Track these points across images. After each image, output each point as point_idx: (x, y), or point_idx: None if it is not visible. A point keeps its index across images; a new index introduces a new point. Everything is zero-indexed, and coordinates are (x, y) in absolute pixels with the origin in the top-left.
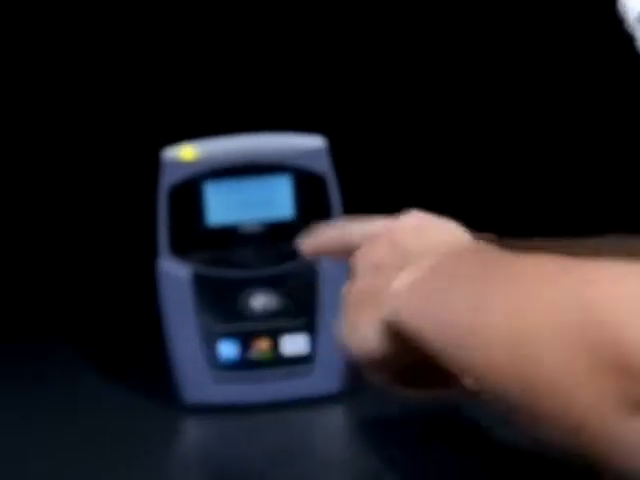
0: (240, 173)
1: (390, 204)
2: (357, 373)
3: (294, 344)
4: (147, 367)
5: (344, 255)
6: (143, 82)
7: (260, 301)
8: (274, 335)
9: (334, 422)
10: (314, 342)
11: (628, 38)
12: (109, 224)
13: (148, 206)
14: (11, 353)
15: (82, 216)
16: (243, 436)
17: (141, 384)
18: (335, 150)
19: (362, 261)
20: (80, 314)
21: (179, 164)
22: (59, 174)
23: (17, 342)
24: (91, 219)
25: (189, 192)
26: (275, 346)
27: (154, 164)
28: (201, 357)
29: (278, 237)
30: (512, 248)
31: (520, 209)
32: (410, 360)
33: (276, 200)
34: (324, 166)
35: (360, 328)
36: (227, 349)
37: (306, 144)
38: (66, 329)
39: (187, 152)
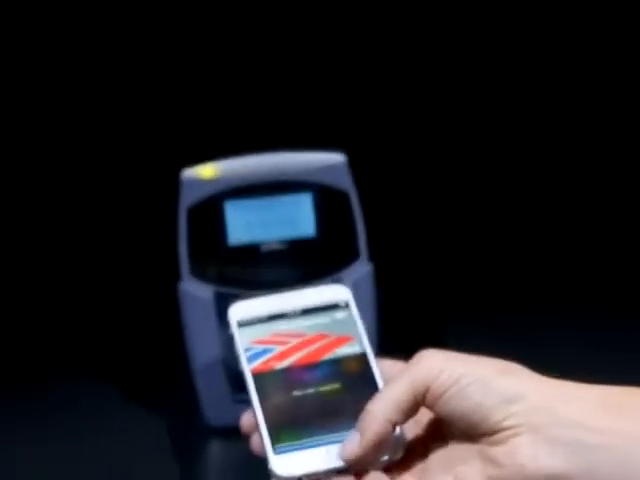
0: (260, 191)
1: (412, 218)
2: None
3: None
4: (170, 389)
5: None
6: (164, 103)
7: None
8: None
9: None
10: None
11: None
12: (130, 246)
13: (169, 227)
14: (32, 376)
15: (103, 238)
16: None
17: (164, 406)
18: (356, 167)
19: None
20: (103, 337)
21: (199, 183)
22: (79, 195)
23: (39, 366)
24: (112, 241)
25: (209, 211)
26: None
27: (175, 185)
28: (224, 378)
29: (301, 255)
30: None
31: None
32: None
33: (297, 217)
34: (345, 182)
35: None
36: None
37: (326, 160)
38: (89, 353)
39: (207, 171)
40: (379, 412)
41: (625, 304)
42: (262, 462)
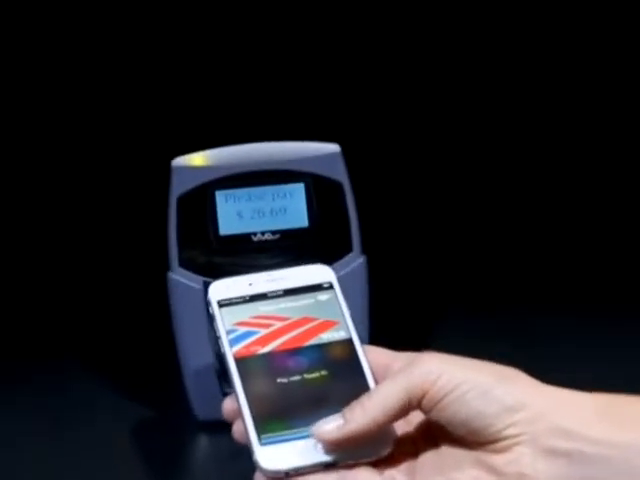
0: (252, 180)
1: (406, 211)
2: None
3: None
4: (158, 382)
5: None
6: (157, 93)
7: None
8: None
9: None
10: None
11: None
12: (120, 235)
13: (160, 216)
14: (24, 367)
15: (93, 227)
16: None
17: (153, 400)
18: (350, 159)
19: None
20: (90, 327)
21: (190, 172)
22: (70, 184)
23: (30, 356)
24: (102, 231)
25: (200, 200)
26: None
27: (167, 174)
28: (213, 372)
29: (293, 246)
30: None
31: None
32: None
33: (290, 208)
34: (339, 172)
35: None
36: None
37: (320, 150)
38: (76, 343)
39: (198, 159)
40: (368, 410)
41: (622, 302)
42: (250, 456)
